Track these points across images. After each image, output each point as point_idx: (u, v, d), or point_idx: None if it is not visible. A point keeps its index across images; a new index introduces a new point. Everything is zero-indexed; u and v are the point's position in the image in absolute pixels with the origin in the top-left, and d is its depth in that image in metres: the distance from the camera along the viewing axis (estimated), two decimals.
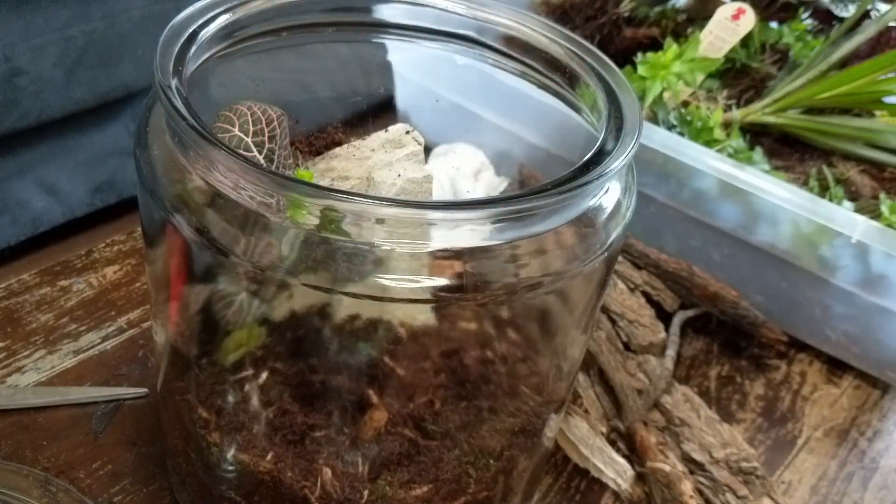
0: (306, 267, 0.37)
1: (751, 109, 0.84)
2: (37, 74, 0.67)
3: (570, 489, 0.61)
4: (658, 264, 0.74)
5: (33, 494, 0.52)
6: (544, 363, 0.52)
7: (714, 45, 0.84)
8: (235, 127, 0.42)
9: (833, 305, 0.71)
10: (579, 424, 0.61)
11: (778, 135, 0.84)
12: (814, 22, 0.96)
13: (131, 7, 0.72)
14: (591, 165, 0.39)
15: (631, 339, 0.69)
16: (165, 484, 0.56)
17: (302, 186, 0.35)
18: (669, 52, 0.80)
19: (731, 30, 0.83)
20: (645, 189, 0.74)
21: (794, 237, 0.69)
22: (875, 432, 0.71)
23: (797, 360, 0.76)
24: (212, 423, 0.48)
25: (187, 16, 0.44)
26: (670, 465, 0.58)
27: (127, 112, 0.79)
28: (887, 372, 0.74)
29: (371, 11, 0.52)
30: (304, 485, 0.46)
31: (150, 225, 0.43)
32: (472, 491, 0.48)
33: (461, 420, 0.49)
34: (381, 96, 0.57)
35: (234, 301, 0.45)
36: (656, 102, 0.80)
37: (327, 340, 0.48)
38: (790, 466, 0.66)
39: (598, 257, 0.41)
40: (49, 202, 0.75)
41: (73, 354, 0.65)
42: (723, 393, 0.71)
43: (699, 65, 0.81)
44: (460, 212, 0.37)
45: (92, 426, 0.59)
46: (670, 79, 0.79)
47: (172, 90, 0.38)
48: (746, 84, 0.88)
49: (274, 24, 0.49)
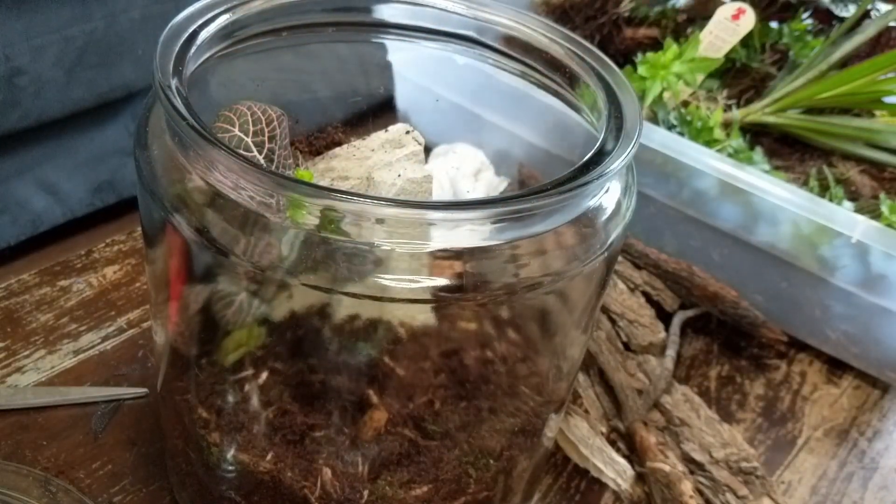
0: (306, 267, 0.37)
1: (751, 109, 0.84)
2: (37, 74, 0.67)
3: (570, 489, 0.61)
4: (658, 264, 0.74)
5: (33, 494, 0.52)
6: (544, 363, 0.52)
7: (714, 45, 0.84)
8: (235, 127, 0.42)
9: (833, 305, 0.71)
10: (579, 424, 0.61)
11: (778, 135, 0.84)
12: (814, 22, 0.95)
13: (131, 7, 0.72)
14: (591, 165, 0.39)
15: (631, 339, 0.69)
16: (165, 484, 0.56)
17: (302, 186, 0.35)
18: (669, 52, 0.80)
19: (731, 30, 0.83)
20: (645, 189, 0.74)
21: (794, 237, 0.69)
22: (875, 432, 0.71)
23: (797, 360, 0.76)
24: (212, 423, 0.48)
25: (187, 16, 0.44)
26: (670, 465, 0.58)
27: (127, 112, 0.79)
28: (887, 372, 0.74)
29: (371, 11, 0.52)
30: (304, 485, 0.46)
31: (150, 225, 0.43)
32: (472, 491, 0.48)
33: (461, 420, 0.49)
34: (381, 96, 0.57)
35: (233, 301, 0.45)
36: (656, 102, 0.80)
37: (327, 340, 0.48)
38: (790, 466, 0.66)
39: (598, 257, 0.41)
40: (49, 202, 0.75)
41: (73, 354, 0.65)
42: (723, 393, 0.71)
43: (699, 65, 0.81)
44: (460, 212, 0.37)
45: (92, 426, 0.59)
46: (670, 79, 0.79)
47: (172, 90, 0.38)
48: (746, 84, 0.88)
49: (274, 24, 0.49)
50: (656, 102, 0.80)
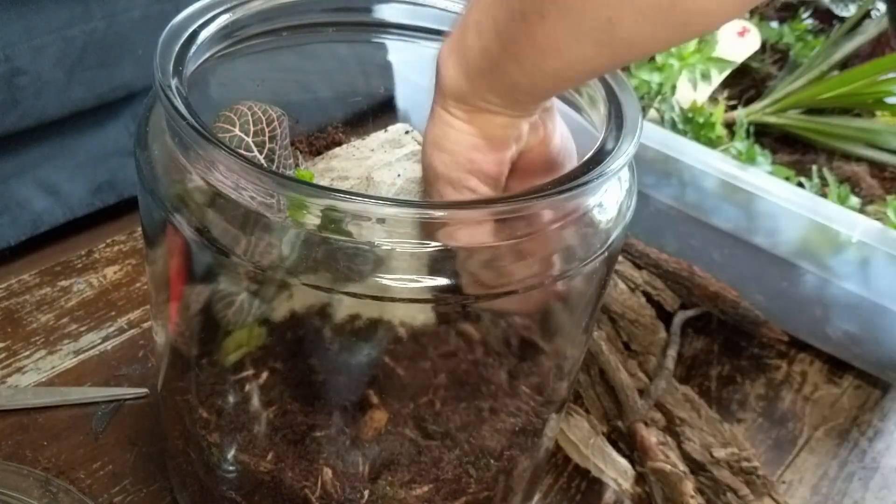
0: (307, 267, 0.37)
1: (752, 109, 0.84)
2: (37, 74, 0.67)
3: (570, 489, 0.61)
4: (658, 264, 0.74)
5: (33, 495, 0.52)
6: (544, 363, 0.52)
7: (724, 50, 0.85)
8: (236, 127, 0.42)
9: (834, 305, 0.71)
10: (580, 424, 0.61)
11: (779, 134, 0.84)
12: (814, 22, 0.96)
13: (131, 7, 0.72)
14: (591, 165, 0.39)
15: (631, 339, 0.69)
16: (166, 484, 0.56)
17: (303, 186, 0.35)
18: (690, 46, 0.81)
19: (738, 44, 0.85)
20: (645, 189, 0.74)
21: (794, 237, 0.69)
22: (876, 432, 0.71)
23: (798, 360, 0.76)
24: (212, 423, 0.48)
25: (187, 16, 0.43)
26: (671, 465, 0.58)
27: (127, 112, 0.79)
28: (888, 371, 0.74)
29: (371, 11, 0.52)
30: (305, 485, 0.46)
31: (151, 225, 0.43)
32: (472, 491, 0.48)
33: (461, 420, 0.49)
34: (381, 96, 0.57)
35: (234, 301, 0.45)
36: (664, 100, 0.80)
37: (327, 340, 0.48)
38: (791, 466, 0.66)
39: (598, 257, 0.41)
40: (49, 202, 0.75)
41: (74, 355, 0.65)
42: (723, 393, 0.71)
43: (716, 63, 0.82)
44: (460, 212, 0.37)
45: (92, 426, 0.59)
46: (694, 69, 0.81)
47: (172, 90, 0.38)
48: (747, 84, 0.88)
49: (274, 24, 0.49)
50: (665, 100, 0.80)
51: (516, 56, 0.36)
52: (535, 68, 0.36)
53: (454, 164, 0.40)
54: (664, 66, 0.81)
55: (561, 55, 0.35)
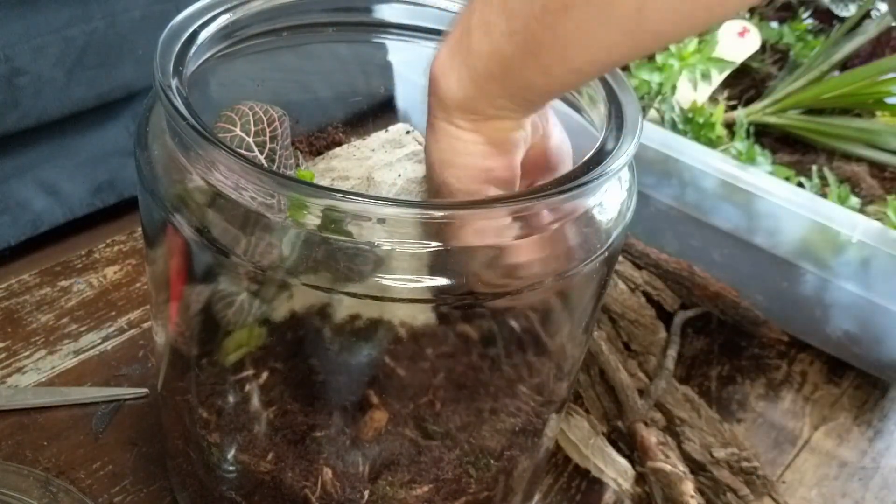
0: (307, 267, 0.37)
1: (752, 109, 0.84)
2: (37, 74, 0.67)
3: (570, 489, 0.61)
4: (658, 264, 0.74)
5: (33, 495, 0.52)
6: (545, 363, 0.52)
7: (724, 50, 0.85)
8: (237, 127, 0.42)
9: (833, 305, 0.71)
10: (580, 424, 0.61)
11: (779, 135, 0.84)
12: (814, 22, 0.96)
13: (131, 7, 0.72)
14: (591, 165, 0.39)
15: (631, 339, 0.69)
16: (166, 484, 0.56)
17: (303, 186, 0.35)
18: (690, 45, 0.81)
19: (739, 44, 0.84)
20: (645, 189, 0.74)
21: (794, 237, 0.69)
22: (876, 432, 0.71)
23: (798, 360, 0.76)
24: (212, 423, 0.48)
25: (187, 16, 0.43)
26: (671, 465, 0.58)
27: (127, 112, 0.79)
28: (888, 372, 0.74)
29: (371, 11, 0.52)
30: (305, 485, 0.46)
31: (151, 225, 0.43)
32: (472, 491, 0.48)
33: (462, 420, 0.49)
34: (381, 96, 0.57)
35: (234, 301, 0.45)
36: (665, 100, 0.80)
37: (328, 340, 0.48)
38: (791, 466, 0.66)
39: (598, 257, 0.41)
40: (49, 202, 0.75)
41: (74, 355, 0.65)
42: (723, 393, 0.71)
43: (716, 63, 0.82)
44: (461, 212, 0.37)
45: (92, 426, 0.59)
46: (694, 69, 0.81)
47: (172, 90, 0.38)
48: (747, 84, 0.88)
49: (274, 24, 0.48)
50: (665, 100, 0.80)
51: (535, 53, 0.35)
52: (555, 64, 0.35)
53: (468, 177, 0.38)
54: (664, 66, 0.81)
55: (584, 47, 0.34)
